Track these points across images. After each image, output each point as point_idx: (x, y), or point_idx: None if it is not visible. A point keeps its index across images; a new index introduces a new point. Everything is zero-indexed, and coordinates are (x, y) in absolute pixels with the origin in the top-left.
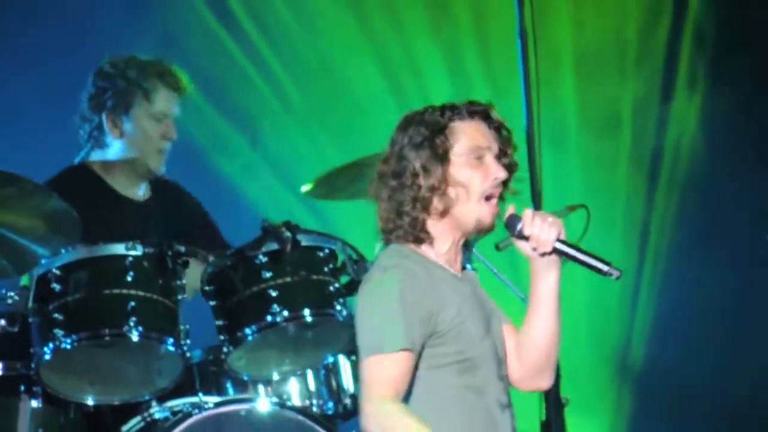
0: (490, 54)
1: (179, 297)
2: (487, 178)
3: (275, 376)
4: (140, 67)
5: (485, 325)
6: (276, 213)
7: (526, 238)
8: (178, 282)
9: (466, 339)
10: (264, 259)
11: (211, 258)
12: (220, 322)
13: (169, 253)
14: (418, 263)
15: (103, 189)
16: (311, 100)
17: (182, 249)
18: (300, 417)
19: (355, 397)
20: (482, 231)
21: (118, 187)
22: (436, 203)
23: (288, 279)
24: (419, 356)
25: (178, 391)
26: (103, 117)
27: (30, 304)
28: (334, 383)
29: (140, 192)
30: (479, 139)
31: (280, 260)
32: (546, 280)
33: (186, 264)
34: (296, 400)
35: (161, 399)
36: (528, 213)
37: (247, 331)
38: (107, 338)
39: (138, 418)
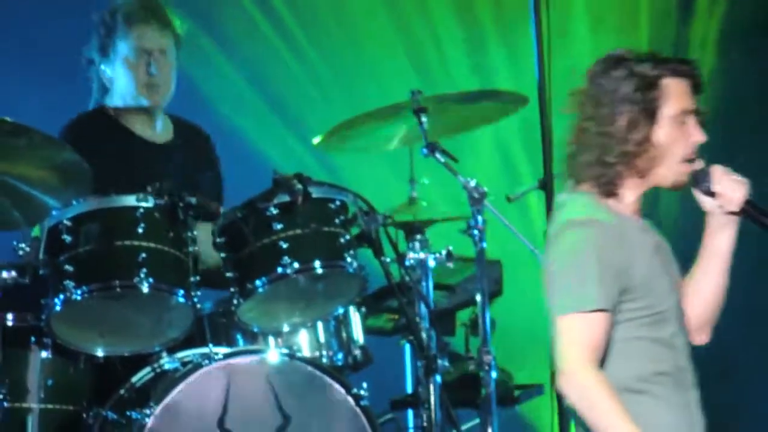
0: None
1: (190, 249)
2: (689, 143)
3: (285, 328)
4: (123, 9)
5: (670, 277)
6: (287, 165)
7: (712, 194)
8: (189, 234)
9: (656, 292)
10: (275, 211)
11: (222, 210)
12: (230, 274)
13: (181, 204)
14: (609, 216)
15: (120, 131)
16: (323, 51)
17: (194, 201)
18: (310, 368)
19: (364, 348)
20: (675, 190)
21: (135, 129)
22: (637, 159)
23: (299, 231)
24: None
25: (188, 343)
26: (96, 61)
27: (41, 256)
28: (344, 334)
29: (158, 133)
30: (686, 102)
31: (291, 212)
32: (723, 236)
33: (197, 216)
34: (306, 352)
35: (171, 350)
36: (717, 169)
37: (258, 282)
38: (118, 290)
39: (148, 369)
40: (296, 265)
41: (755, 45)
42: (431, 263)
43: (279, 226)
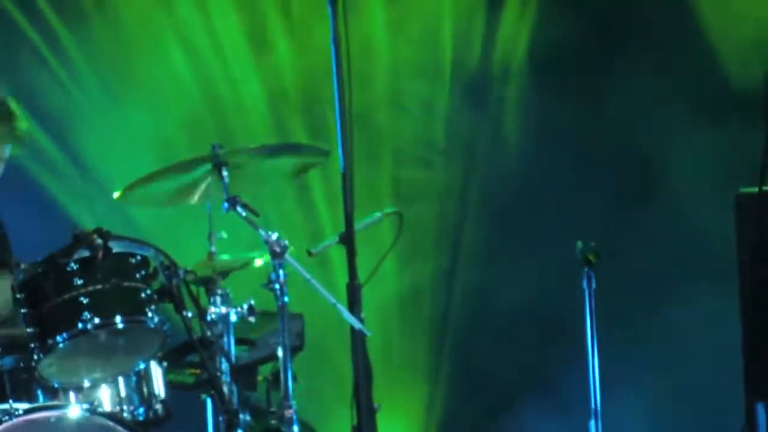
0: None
1: None
2: None
3: (86, 383)
4: None
5: None
6: (87, 220)
7: None
8: None
9: None
10: (75, 266)
11: (22, 266)
12: (31, 330)
13: None
14: None
15: None
16: (123, 106)
17: None
18: (111, 423)
19: (165, 403)
20: None
21: None
22: None
23: (99, 286)
24: None
25: None
26: None
27: None
28: (145, 389)
29: None
30: None
31: (92, 267)
32: None
33: None
34: (107, 406)
35: None
36: None
37: (59, 338)
38: None
39: None
40: (97, 320)
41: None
42: (233, 318)
43: (79, 282)
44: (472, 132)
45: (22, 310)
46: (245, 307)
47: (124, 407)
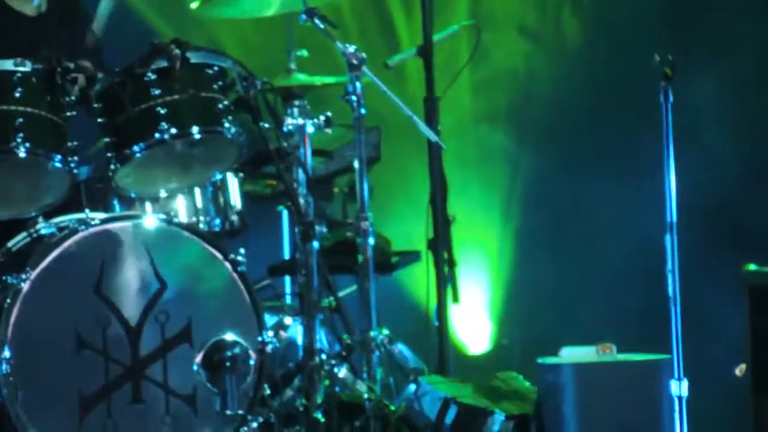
0: None
1: (68, 114)
2: None
3: (162, 193)
4: None
5: None
6: (165, 30)
7: None
8: (67, 99)
9: None
10: (153, 77)
11: (99, 75)
12: (107, 140)
13: (58, 69)
14: None
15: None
16: None
17: (71, 65)
18: (187, 233)
19: (241, 214)
20: None
21: (14, 4)
22: None
23: (176, 96)
24: None
25: (65, 208)
26: None
27: None
28: (221, 200)
29: (35, 4)
30: None
31: (169, 77)
32: None
33: (74, 81)
34: (183, 217)
35: (47, 215)
36: None
37: (135, 148)
38: None
39: (24, 234)
40: (174, 130)
41: None
42: (309, 129)
43: (156, 92)
44: None
45: (99, 120)
46: (322, 118)
47: (201, 218)
